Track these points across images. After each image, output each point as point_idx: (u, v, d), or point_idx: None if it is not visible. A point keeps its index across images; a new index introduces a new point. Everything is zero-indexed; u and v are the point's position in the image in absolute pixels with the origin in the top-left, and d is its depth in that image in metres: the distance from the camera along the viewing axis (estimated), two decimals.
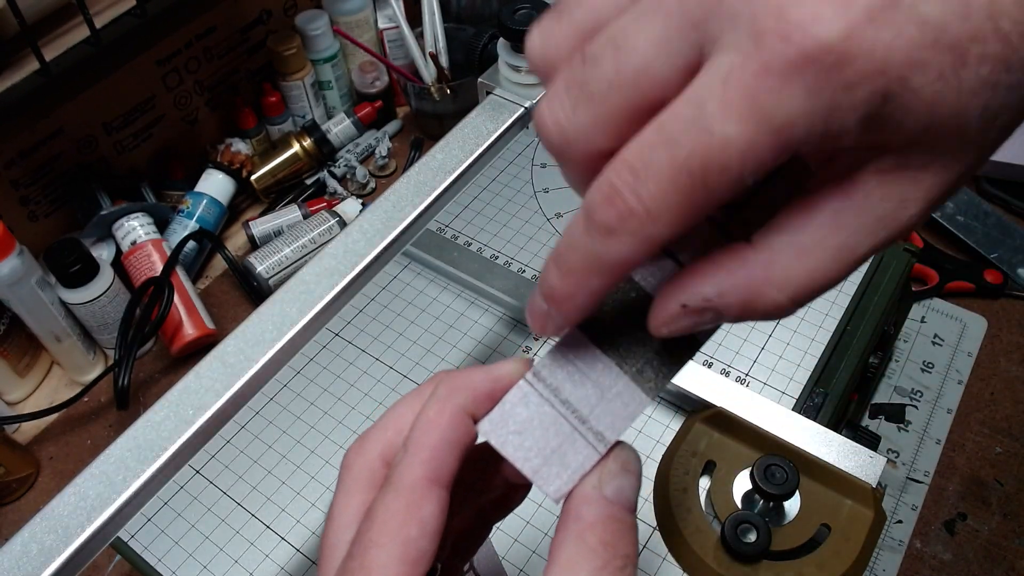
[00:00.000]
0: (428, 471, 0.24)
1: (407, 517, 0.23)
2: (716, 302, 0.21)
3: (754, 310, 0.21)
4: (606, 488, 0.23)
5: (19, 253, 0.62)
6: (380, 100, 0.91)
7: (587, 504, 0.23)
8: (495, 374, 0.25)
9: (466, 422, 0.25)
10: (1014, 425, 0.62)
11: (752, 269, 0.20)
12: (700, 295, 0.21)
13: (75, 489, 0.32)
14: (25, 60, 0.67)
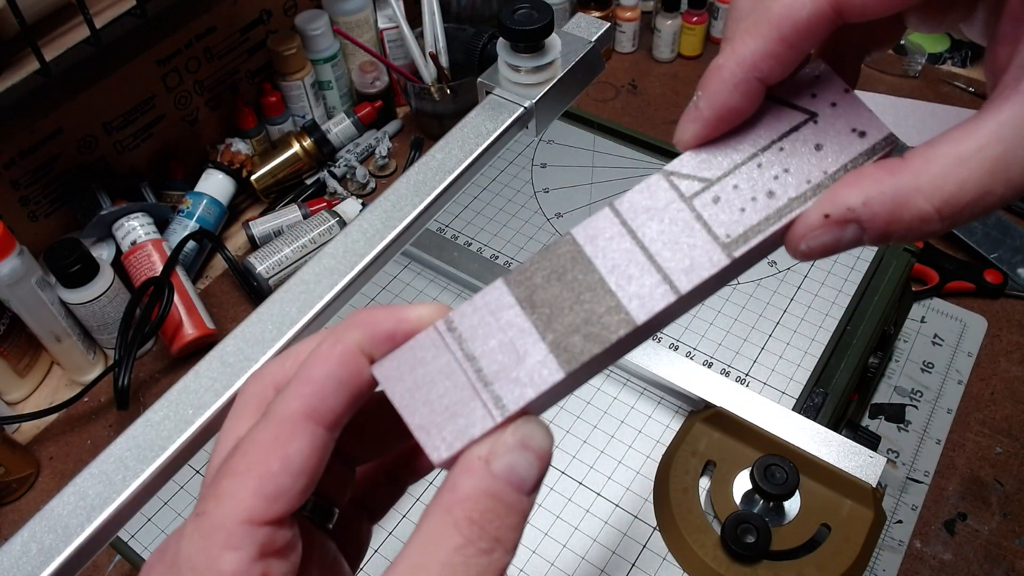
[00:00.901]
0: (305, 406, 0.21)
1: (271, 450, 0.21)
2: (860, 211, 0.20)
3: (899, 221, 0.20)
4: (495, 462, 0.21)
5: (19, 253, 0.62)
6: (380, 100, 0.91)
7: (466, 474, 0.21)
8: (401, 315, 0.22)
9: (358, 361, 0.22)
10: (1014, 425, 0.62)
11: (901, 177, 0.20)
12: (844, 203, 0.20)
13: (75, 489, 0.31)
14: (25, 60, 0.67)
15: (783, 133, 0.23)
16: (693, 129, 0.23)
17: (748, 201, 0.23)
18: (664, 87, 0.97)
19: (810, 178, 0.22)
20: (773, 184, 0.23)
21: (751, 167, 0.23)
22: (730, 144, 0.23)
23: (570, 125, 0.75)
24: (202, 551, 0.20)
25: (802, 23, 0.20)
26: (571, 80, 0.46)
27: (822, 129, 0.23)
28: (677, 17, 0.97)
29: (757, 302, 0.60)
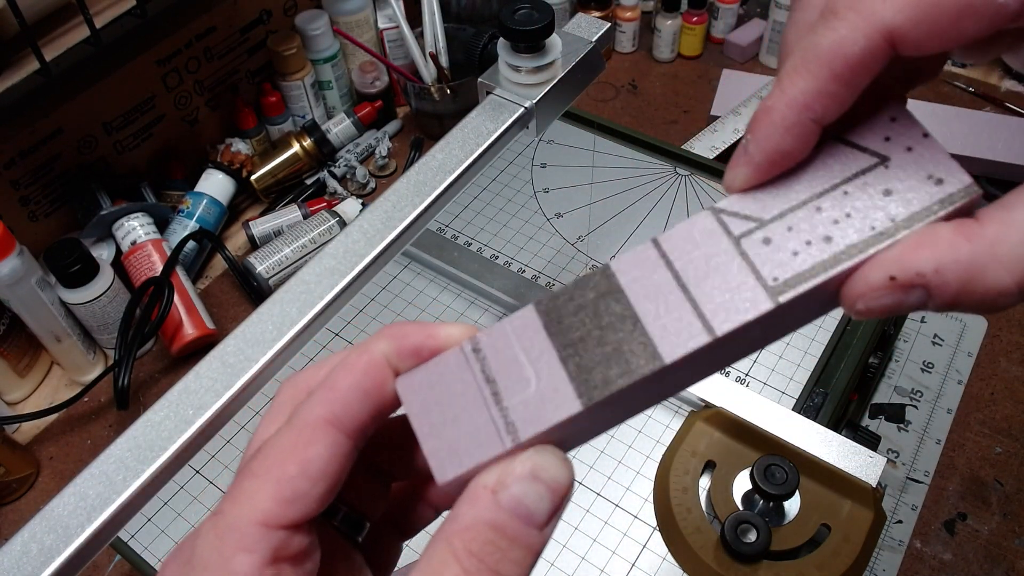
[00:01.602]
0: (327, 412, 0.21)
1: (290, 454, 0.21)
2: (930, 278, 0.19)
3: (972, 292, 0.18)
4: (502, 492, 0.20)
5: (19, 253, 0.62)
6: (380, 100, 0.91)
7: (469, 503, 0.20)
8: (430, 331, 0.22)
9: (383, 372, 0.22)
10: (1014, 425, 0.62)
11: (978, 243, 0.18)
12: (914, 268, 0.19)
13: (75, 489, 0.32)
14: (25, 60, 0.67)
15: (849, 176, 0.21)
16: (744, 173, 0.22)
17: (802, 245, 0.21)
18: (664, 87, 0.97)
19: (875, 224, 0.20)
20: (832, 229, 0.21)
21: (809, 210, 0.21)
22: (788, 184, 0.22)
23: (570, 125, 0.75)
24: (216, 551, 0.20)
25: (855, 58, 0.19)
26: (571, 80, 0.46)
27: (893, 174, 0.21)
28: (677, 17, 0.97)
29: None
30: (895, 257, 0.19)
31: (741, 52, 0.98)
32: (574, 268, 0.63)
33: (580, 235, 0.66)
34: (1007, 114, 0.89)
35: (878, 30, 0.19)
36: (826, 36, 0.19)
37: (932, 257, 0.19)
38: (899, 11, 0.18)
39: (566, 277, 0.63)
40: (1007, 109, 0.90)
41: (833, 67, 0.19)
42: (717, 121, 0.87)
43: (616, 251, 0.64)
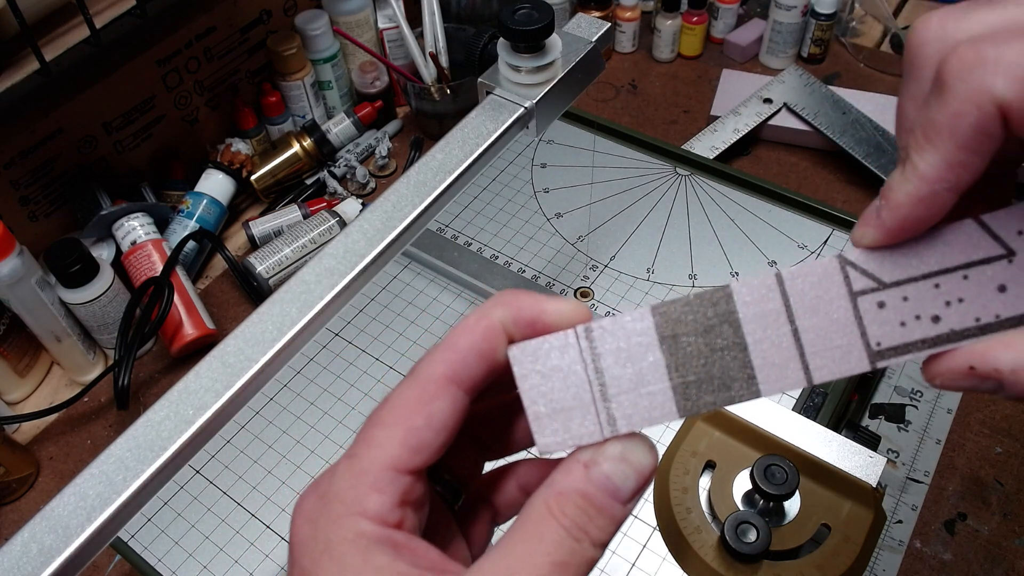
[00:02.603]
0: (448, 370, 0.24)
1: (417, 406, 0.23)
2: (1006, 376, 0.20)
3: None
4: (594, 468, 0.22)
5: (19, 253, 0.62)
6: (380, 100, 0.91)
7: (564, 473, 0.23)
8: (545, 306, 0.24)
9: (499, 337, 0.24)
10: (1014, 425, 0.62)
11: None
12: (993, 364, 0.21)
13: (75, 489, 0.32)
14: (25, 60, 0.67)
15: (972, 261, 0.22)
16: (872, 235, 0.23)
17: (911, 318, 0.22)
18: (664, 87, 0.97)
19: (980, 316, 0.22)
20: (943, 310, 0.22)
21: (927, 285, 0.22)
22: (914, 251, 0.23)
23: (570, 125, 0.75)
24: (351, 488, 0.22)
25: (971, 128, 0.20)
26: (571, 80, 0.46)
27: (1014, 271, 0.22)
28: (677, 17, 0.97)
29: None
30: (980, 350, 0.21)
31: (741, 52, 0.98)
32: (574, 268, 0.63)
33: (580, 235, 0.66)
34: None
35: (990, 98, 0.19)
36: (941, 111, 0.20)
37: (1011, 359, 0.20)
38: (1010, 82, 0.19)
39: (566, 277, 0.62)
40: None
41: (955, 139, 0.20)
42: (717, 121, 0.87)
43: (616, 251, 0.64)
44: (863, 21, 1.03)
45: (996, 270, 0.22)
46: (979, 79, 0.19)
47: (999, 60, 0.19)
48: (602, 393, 0.23)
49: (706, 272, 0.62)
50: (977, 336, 0.22)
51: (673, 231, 0.65)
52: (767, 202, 0.67)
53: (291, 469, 0.54)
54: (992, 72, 0.19)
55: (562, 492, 0.22)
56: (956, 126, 0.20)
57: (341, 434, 0.55)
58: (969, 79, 0.19)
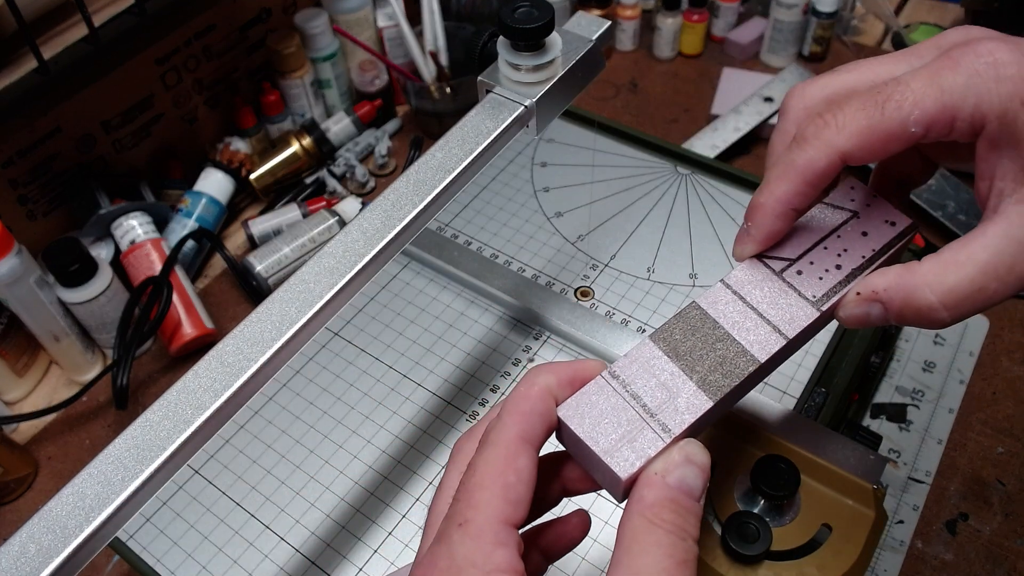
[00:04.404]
0: (520, 431, 0.27)
1: (506, 465, 0.26)
2: (882, 295, 0.28)
3: (910, 306, 0.27)
4: (669, 476, 0.26)
5: (17, 252, 0.62)
6: (380, 99, 0.91)
7: (648, 487, 0.26)
8: (577, 366, 0.29)
9: (550, 399, 0.28)
10: (1016, 425, 0.62)
11: (914, 274, 0.27)
12: (871, 286, 0.28)
13: (73, 489, 0.31)
14: (23, 59, 0.66)
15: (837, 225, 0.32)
16: (750, 248, 0.31)
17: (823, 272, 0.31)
18: (665, 86, 0.97)
19: (864, 254, 0.31)
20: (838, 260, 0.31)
21: (819, 249, 0.31)
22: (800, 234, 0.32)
23: (570, 124, 0.75)
24: (477, 550, 0.25)
25: (820, 171, 0.28)
26: (571, 79, 0.46)
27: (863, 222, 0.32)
28: (678, 15, 0.97)
29: None
30: (863, 281, 0.29)
31: (742, 50, 0.98)
32: (574, 267, 0.63)
33: (580, 234, 0.66)
34: None
35: (835, 152, 0.28)
36: (799, 155, 0.28)
37: (884, 281, 0.28)
38: (848, 140, 0.28)
39: (566, 276, 0.62)
40: None
41: (804, 177, 0.29)
42: (718, 120, 0.87)
43: (617, 250, 0.64)
44: (864, 19, 1.03)
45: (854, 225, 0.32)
46: (827, 136, 0.28)
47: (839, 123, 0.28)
48: (647, 411, 0.28)
49: (706, 271, 0.62)
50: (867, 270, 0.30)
51: (673, 230, 0.65)
52: None
53: (290, 469, 0.53)
54: (835, 132, 0.28)
55: (654, 503, 0.26)
56: (807, 168, 0.28)
57: (340, 433, 0.55)
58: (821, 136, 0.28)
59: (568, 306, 0.59)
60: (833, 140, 0.28)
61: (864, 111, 0.27)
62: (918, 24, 1.02)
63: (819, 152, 0.28)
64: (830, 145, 0.28)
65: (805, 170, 0.28)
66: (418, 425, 0.55)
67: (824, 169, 0.28)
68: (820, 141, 0.28)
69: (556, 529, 0.33)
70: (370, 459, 0.54)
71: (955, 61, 0.26)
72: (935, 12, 1.04)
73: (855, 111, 0.27)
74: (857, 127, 0.27)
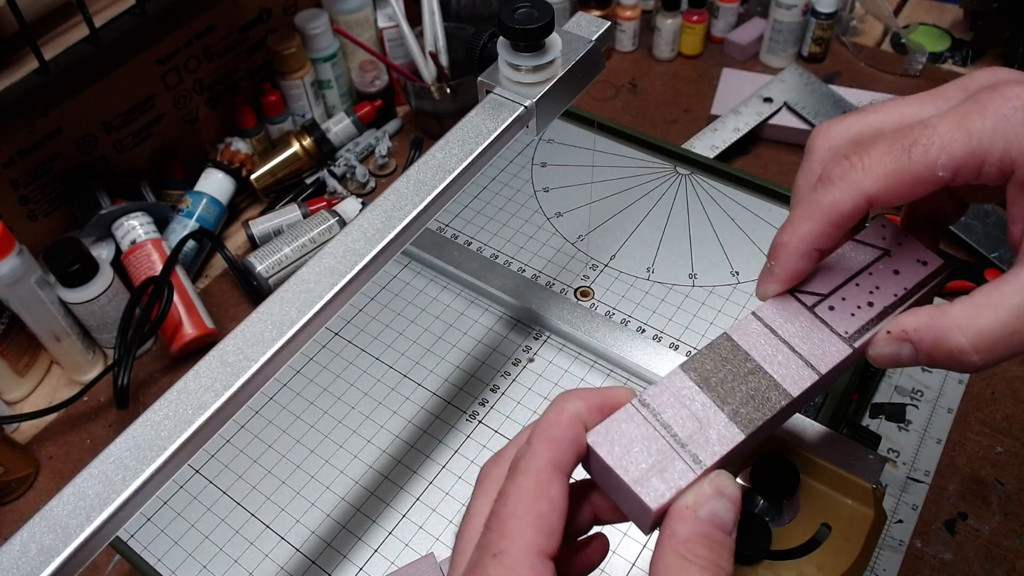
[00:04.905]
0: (552, 459, 0.26)
1: (538, 494, 0.26)
2: (912, 335, 0.28)
3: (940, 347, 0.27)
4: (701, 510, 0.26)
5: (18, 252, 0.62)
6: (380, 99, 0.91)
7: (681, 522, 0.26)
8: (606, 393, 0.29)
9: (580, 425, 0.28)
10: (1015, 425, 0.62)
11: (945, 316, 0.27)
12: (902, 326, 0.28)
13: (74, 489, 0.31)
14: (24, 59, 0.67)
15: (869, 263, 0.32)
16: (773, 287, 0.31)
17: (855, 308, 0.31)
18: (664, 86, 0.97)
19: (896, 292, 0.31)
20: (870, 296, 0.31)
21: (851, 286, 0.31)
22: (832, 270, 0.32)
23: (570, 124, 0.75)
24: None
25: (846, 212, 0.28)
26: (571, 79, 0.46)
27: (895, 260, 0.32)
28: (677, 16, 0.97)
29: (757, 302, 0.60)
30: (894, 320, 0.29)
31: (741, 51, 0.98)
32: (574, 267, 0.63)
33: (580, 234, 0.66)
34: None
35: (861, 194, 0.28)
36: (825, 196, 0.28)
37: (915, 321, 0.28)
38: (874, 183, 0.27)
39: (566, 276, 0.62)
40: None
41: (829, 218, 0.28)
42: (717, 120, 0.87)
43: (617, 250, 0.64)
44: (863, 20, 1.03)
45: (886, 262, 0.32)
46: (854, 179, 0.28)
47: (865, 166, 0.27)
48: (677, 441, 0.27)
49: (706, 271, 0.62)
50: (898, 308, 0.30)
51: (673, 230, 0.65)
52: (767, 201, 0.67)
53: (291, 468, 0.54)
54: (862, 174, 0.27)
55: (687, 539, 0.25)
56: (832, 209, 0.28)
57: (341, 433, 0.55)
58: (847, 178, 0.28)
59: (568, 306, 0.59)
60: (859, 182, 0.28)
61: (891, 154, 0.27)
62: (917, 24, 1.02)
63: (845, 194, 0.28)
64: (856, 187, 0.28)
65: (830, 211, 0.28)
66: (418, 425, 0.55)
67: (849, 211, 0.28)
68: (846, 183, 0.28)
69: (576, 553, 0.33)
70: (370, 459, 0.54)
71: (983, 105, 0.27)
72: (934, 12, 1.05)
73: (882, 154, 0.27)
74: (884, 170, 0.27)
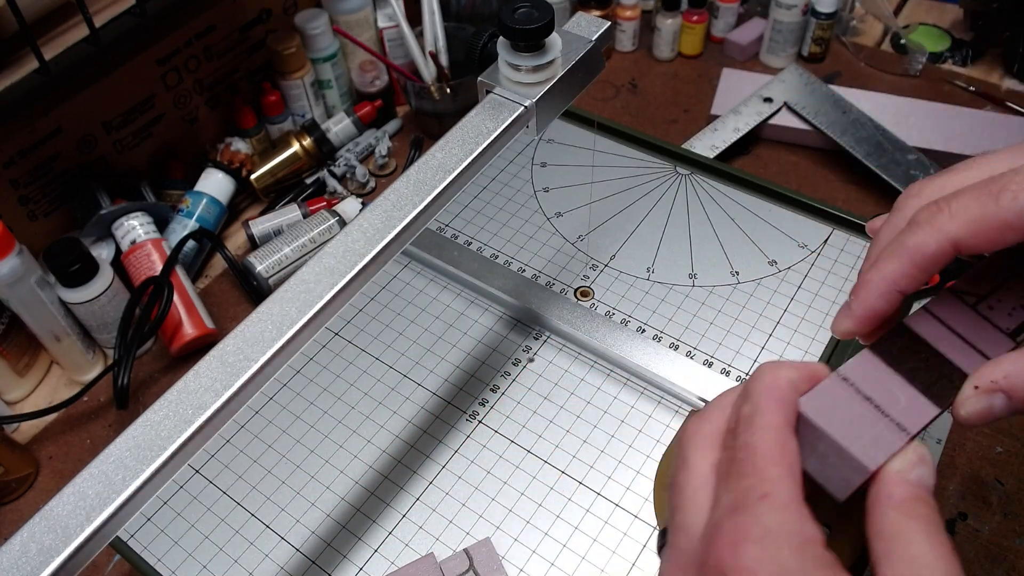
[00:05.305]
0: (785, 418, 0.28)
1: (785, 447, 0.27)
2: (1002, 383, 0.28)
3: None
4: (910, 474, 0.27)
5: (18, 252, 0.62)
6: (380, 99, 0.91)
7: (895, 485, 0.27)
8: (809, 365, 0.30)
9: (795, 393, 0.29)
10: (1015, 425, 0.62)
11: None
12: (989, 378, 0.28)
13: (74, 489, 0.31)
14: (24, 59, 0.67)
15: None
16: (849, 324, 0.31)
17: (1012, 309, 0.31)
18: (664, 86, 0.97)
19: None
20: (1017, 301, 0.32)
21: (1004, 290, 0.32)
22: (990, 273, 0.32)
23: (570, 124, 0.75)
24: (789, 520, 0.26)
25: (930, 255, 0.29)
26: (571, 79, 0.46)
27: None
28: (677, 16, 0.97)
29: (757, 301, 0.60)
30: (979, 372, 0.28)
31: (741, 51, 0.98)
32: (574, 267, 0.63)
33: (580, 234, 0.66)
34: (1008, 113, 0.89)
35: (947, 238, 0.28)
36: (911, 237, 0.29)
37: (1002, 370, 0.28)
38: (960, 227, 0.28)
39: (566, 276, 0.62)
40: (1008, 108, 0.90)
41: (913, 259, 0.29)
42: (717, 120, 0.87)
43: (617, 250, 0.64)
44: (863, 20, 1.03)
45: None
46: (940, 222, 0.28)
47: (952, 210, 0.28)
48: (881, 412, 0.29)
49: (706, 272, 0.62)
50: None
51: (673, 230, 0.65)
52: (767, 201, 0.67)
53: (291, 468, 0.54)
54: (948, 218, 0.28)
55: (906, 499, 0.27)
56: (916, 251, 0.29)
57: (341, 433, 0.55)
58: (933, 221, 0.29)
59: (568, 306, 0.59)
60: (945, 226, 0.28)
61: (978, 200, 0.28)
62: (917, 24, 1.02)
63: (930, 236, 0.29)
64: (941, 231, 0.28)
65: (915, 252, 0.29)
66: (418, 425, 0.55)
67: (934, 253, 0.29)
68: (931, 226, 0.29)
69: None
70: (370, 459, 0.54)
71: None
72: (934, 12, 1.05)
73: (969, 199, 0.28)
74: (970, 215, 0.28)
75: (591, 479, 0.52)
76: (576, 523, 0.50)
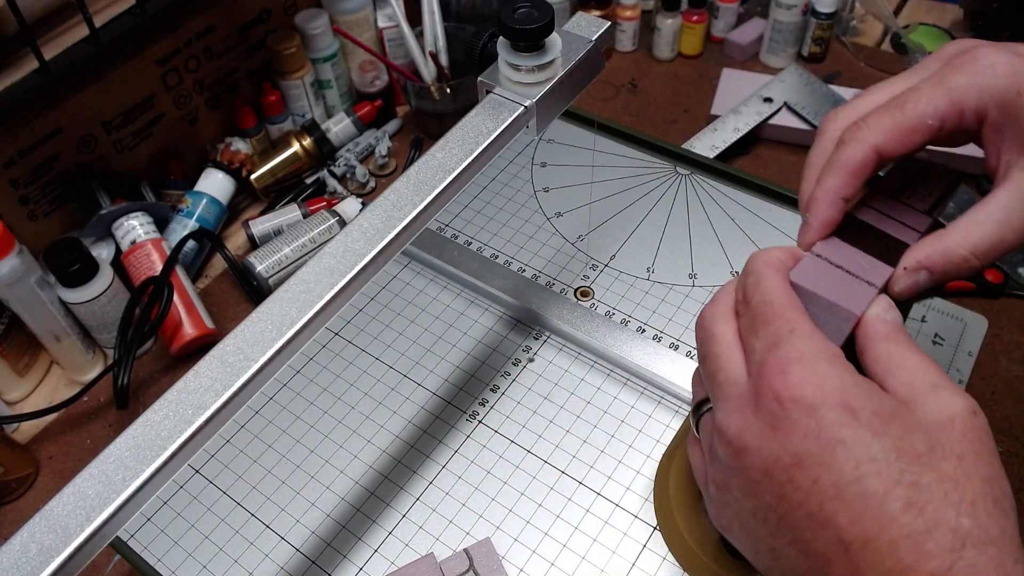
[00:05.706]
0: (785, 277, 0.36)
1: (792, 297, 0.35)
2: (924, 262, 0.35)
3: (950, 263, 0.34)
4: (886, 315, 0.34)
5: (18, 252, 0.62)
6: (380, 99, 0.91)
7: (879, 324, 0.34)
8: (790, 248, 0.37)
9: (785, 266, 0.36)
10: (1015, 425, 0.62)
11: (944, 239, 0.35)
12: (914, 259, 0.35)
13: (74, 489, 0.31)
14: (24, 59, 0.66)
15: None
16: (811, 235, 0.37)
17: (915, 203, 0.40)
18: (664, 86, 0.97)
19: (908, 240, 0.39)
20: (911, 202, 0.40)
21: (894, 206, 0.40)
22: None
23: (570, 124, 0.75)
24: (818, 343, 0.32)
25: (859, 163, 0.36)
26: (571, 79, 0.46)
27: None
28: (677, 16, 0.97)
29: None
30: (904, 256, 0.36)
31: (741, 51, 0.98)
32: (574, 267, 0.63)
33: (580, 234, 0.66)
34: None
35: (870, 147, 0.35)
36: (842, 154, 0.36)
37: (922, 250, 0.35)
38: (878, 137, 0.35)
39: (566, 276, 0.62)
40: None
41: (847, 170, 0.36)
42: (717, 120, 0.87)
43: (617, 250, 0.64)
44: (863, 20, 1.03)
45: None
46: (862, 135, 0.36)
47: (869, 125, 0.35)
48: (852, 274, 0.36)
49: (706, 271, 0.62)
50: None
51: (673, 230, 0.65)
52: (768, 201, 0.67)
53: (291, 468, 0.54)
54: (868, 131, 0.35)
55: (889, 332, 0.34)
56: (848, 162, 0.36)
57: (341, 433, 0.55)
58: (857, 136, 0.36)
59: (568, 306, 0.59)
60: (867, 138, 0.35)
61: (889, 113, 0.35)
62: (917, 24, 1.02)
63: (857, 150, 0.35)
64: (864, 142, 0.35)
65: (848, 164, 0.36)
66: (418, 425, 0.55)
67: (862, 161, 0.35)
68: (856, 140, 0.35)
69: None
70: (370, 459, 0.54)
71: (957, 67, 0.35)
72: (934, 12, 1.05)
73: (881, 114, 0.35)
74: (884, 126, 0.35)
75: (591, 479, 0.52)
76: (576, 523, 0.50)
